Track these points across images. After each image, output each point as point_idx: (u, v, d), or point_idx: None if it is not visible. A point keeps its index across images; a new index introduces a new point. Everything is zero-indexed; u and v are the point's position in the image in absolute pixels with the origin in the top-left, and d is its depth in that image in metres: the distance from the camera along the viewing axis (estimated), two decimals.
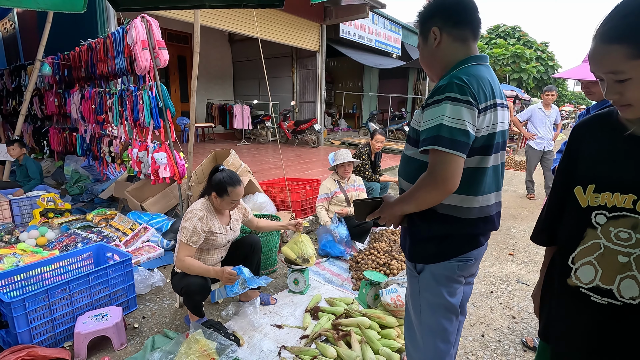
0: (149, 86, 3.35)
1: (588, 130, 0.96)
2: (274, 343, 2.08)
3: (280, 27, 8.18)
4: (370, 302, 2.45)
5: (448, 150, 1.02)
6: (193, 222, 2.08)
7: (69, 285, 2.08)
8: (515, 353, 2.09)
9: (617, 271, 0.85)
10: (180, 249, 2.09)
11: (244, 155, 7.29)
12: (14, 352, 1.77)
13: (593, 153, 0.92)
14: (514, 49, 18.84)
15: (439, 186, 1.04)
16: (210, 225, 2.15)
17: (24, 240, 3.21)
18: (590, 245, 0.89)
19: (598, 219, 0.88)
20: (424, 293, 1.25)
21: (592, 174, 0.90)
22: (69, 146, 5.12)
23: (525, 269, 3.20)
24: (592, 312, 0.90)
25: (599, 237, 0.87)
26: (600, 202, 0.87)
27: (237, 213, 2.41)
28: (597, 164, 0.90)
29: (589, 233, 0.89)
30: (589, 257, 0.89)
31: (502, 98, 1.16)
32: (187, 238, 2.07)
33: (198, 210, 2.13)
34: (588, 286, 0.90)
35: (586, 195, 0.90)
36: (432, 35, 1.18)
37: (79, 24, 5.14)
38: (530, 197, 5.73)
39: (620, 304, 0.85)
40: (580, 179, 0.93)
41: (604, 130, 0.92)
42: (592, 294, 0.89)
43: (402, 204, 1.17)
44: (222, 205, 2.19)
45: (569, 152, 1.00)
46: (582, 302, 0.91)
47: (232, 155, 3.86)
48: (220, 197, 2.15)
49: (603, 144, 0.91)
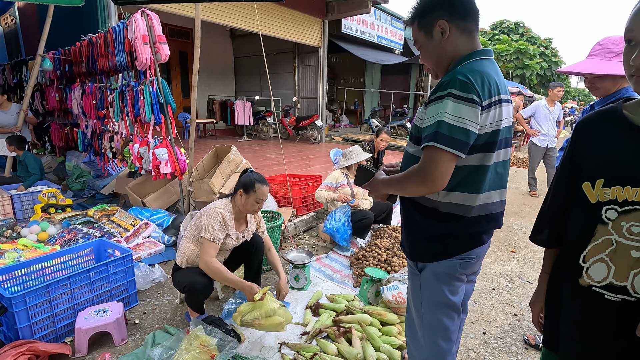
0: (150, 81, 3.34)
1: (592, 126, 0.94)
2: (274, 339, 2.08)
3: (281, 23, 8.13)
4: (371, 299, 2.44)
5: (445, 147, 1.00)
6: (218, 218, 2.06)
7: (69, 281, 2.08)
8: (517, 351, 2.08)
9: (630, 267, 0.83)
10: (204, 248, 2.02)
11: (245, 152, 7.28)
12: (15, 347, 1.77)
13: (600, 148, 0.90)
14: (517, 45, 18.69)
15: (427, 184, 1.04)
16: (229, 227, 2.13)
17: (25, 236, 3.22)
18: (601, 242, 0.87)
19: (609, 214, 0.86)
20: (425, 291, 1.23)
21: (601, 169, 0.88)
22: (70, 142, 5.13)
23: (528, 267, 3.19)
24: (607, 311, 0.87)
25: (611, 233, 0.85)
26: (610, 196, 0.85)
27: (253, 223, 2.39)
28: (604, 158, 0.88)
29: (600, 229, 0.87)
30: (600, 254, 0.87)
31: (506, 93, 1.13)
32: (212, 236, 2.02)
33: (221, 209, 2.11)
34: (601, 284, 0.87)
35: (595, 191, 0.88)
36: (437, 29, 1.13)
37: (79, 18, 5.12)
38: (532, 194, 5.71)
39: (634, 300, 0.83)
40: (587, 175, 0.90)
41: (608, 126, 0.90)
42: (606, 292, 0.86)
43: (389, 187, 1.21)
44: (246, 204, 2.15)
45: (573, 148, 0.97)
46: (596, 302, 0.88)
47: (234, 151, 3.85)
48: (246, 194, 2.13)
49: (609, 138, 0.89)
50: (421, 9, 1.17)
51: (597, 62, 1.58)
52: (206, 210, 2.11)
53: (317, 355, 1.88)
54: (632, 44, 0.80)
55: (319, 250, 3.45)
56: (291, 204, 3.89)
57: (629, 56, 0.80)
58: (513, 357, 2.03)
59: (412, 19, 1.20)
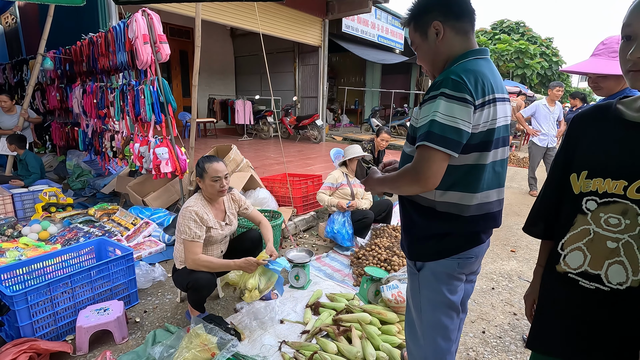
0: (151, 81, 3.34)
1: (585, 120, 0.97)
2: (274, 338, 2.09)
3: (282, 22, 8.13)
4: (371, 298, 2.45)
5: (437, 146, 1.01)
6: (192, 216, 2.06)
7: (70, 279, 2.09)
8: (516, 350, 2.09)
9: (605, 257, 0.86)
10: (187, 249, 2.04)
11: (245, 151, 7.29)
12: (17, 345, 1.78)
13: (589, 141, 0.93)
14: (518, 44, 18.66)
15: (420, 183, 1.05)
16: (207, 220, 2.13)
17: (26, 235, 3.22)
18: (580, 231, 0.90)
19: (589, 204, 0.89)
20: (424, 290, 1.24)
21: (586, 161, 0.91)
22: (71, 141, 5.14)
23: (527, 266, 3.20)
24: (580, 297, 0.90)
25: (589, 223, 0.88)
26: (591, 188, 0.88)
27: (232, 206, 2.37)
28: (592, 151, 0.91)
29: (579, 219, 0.90)
30: (578, 243, 0.90)
31: (502, 92, 1.13)
32: (191, 236, 2.03)
33: (192, 206, 2.10)
34: (577, 271, 0.90)
35: (579, 182, 0.91)
36: (432, 30, 1.14)
37: (80, 18, 5.13)
38: (532, 194, 5.71)
39: (608, 290, 0.86)
40: (575, 167, 0.93)
41: (601, 119, 0.93)
42: (581, 279, 0.89)
43: (384, 185, 1.22)
44: (206, 187, 2.15)
45: (566, 142, 1.00)
46: (571, 287, 0.92)
47: (234, 150, 3.85)
48: (202, 178, 2.14)
49: (599, 131, 0.92)
50: (416, 11, 1.18)
51: (601, 62, 1.58)
52: (181, 212, 2.11)
53: (317, 354, 1.89)
54: (630, 39, 0.80)
55: (319, 249, 3.45)
56: (291, 204, 3.90)
57: (626, 51, 0.80)
58: (512, 356, 2.04)
59: (408, 21, 1.21)
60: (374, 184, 1.25)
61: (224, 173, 2.16)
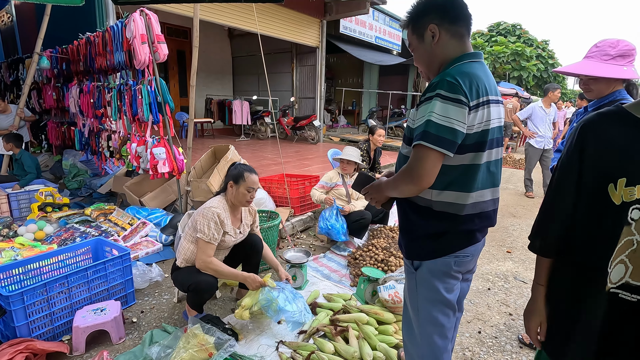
0: (148, 81, 3.34)
1: (600, 128, 0.90)
2: (272, 338, 2.09)
3: (280, 23, 8.14)
4: (368, 298, 2.46)
5: (432, 145, 1.03)
6: (214, 217, 2.06)
7: (67, 280, 2.09)
8: (511, 350, 2.11)
9: None
10: (201, 249, 2.04)
11: (243, 151, 7.28)
12: (13, 345, 1.77)
13: (616, 148, 0.86)
14: (515, 46, 18.79)
15: (415, 182, 1.08)
16: (225, 225, 2.13)
17: (22, 234, 3.20)
18: (623, 243, 0.84)
19: (634, 214, 0.82)
20: (421, 289, 1.26)
21: (622, 168, 0.85)
22: (68, 140, 5.11)
23: (523, 267, 3.22)
24: (618, 311, 0.85)
25: (633, 234, 0.83)
26: (637, 195, 0.82)
27: (248, 217, 2.39)
28: (621, 158, 0.85)
29: (625, 231, 0.84)
30: (621, 256, 0.84)
31: (496, 94, 1.17)
32: (209, 237, 2.03)
33: (216, 207, 2.10)
34: (617, 284, 0.85)
35: (618, 191, 0.84)
36: (428, 33, 1.17)
37: (77, 17, 5.11)
38: (528, 195, 5.75)
39: None
40: (611, 177, 0.86)
41: (620, 124, 0.88)
42: (620, 291, 0.84)
43: (388, 190, 1.25)
44: (237, 195, 2.15)
45: (579, 152, 0.92)
46: (607, 302, 0.86)
47: (231, 150, 3.85)
48: (236, 184, 2.13)
49: (625, 137, 0.86)
50: (414, 14, 1.21)
51: (593, 64, 1.60)
52: (201, 210, 2.10)
53: (314, 354, 1.90)
54: None
55: (317, 249, 3.46)
56: (289, 204, 3.90)
57: None
58: (508, 356, 2.05)
59: (407, 23, 1.24)
60: (381, 189, 1.27)
61: (257, 186, 2.19)
